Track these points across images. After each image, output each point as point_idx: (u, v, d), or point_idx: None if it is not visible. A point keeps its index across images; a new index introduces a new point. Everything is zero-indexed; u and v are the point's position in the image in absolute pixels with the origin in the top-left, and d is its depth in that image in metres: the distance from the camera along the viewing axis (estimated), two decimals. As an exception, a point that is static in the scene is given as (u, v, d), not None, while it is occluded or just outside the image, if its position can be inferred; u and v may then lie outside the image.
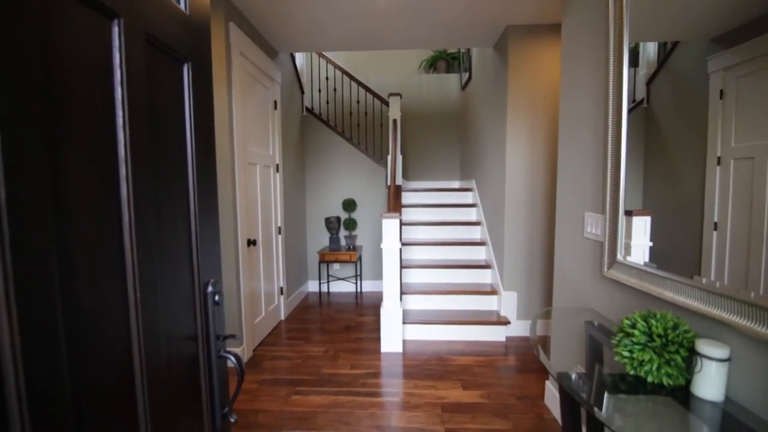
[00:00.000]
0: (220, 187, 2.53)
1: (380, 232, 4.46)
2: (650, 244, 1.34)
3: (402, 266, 3.37)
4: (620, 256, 1.46)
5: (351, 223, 4.33)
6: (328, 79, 4.63)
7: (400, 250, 2.90)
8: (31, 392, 0.39)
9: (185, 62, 0.72)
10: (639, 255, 1.39)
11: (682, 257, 1.18)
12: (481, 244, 3.72)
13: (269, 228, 3.31)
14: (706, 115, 1.09)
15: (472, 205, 4.12)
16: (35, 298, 0.40)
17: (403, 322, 3.05)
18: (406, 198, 4.36)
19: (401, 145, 4.80)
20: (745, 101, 0.97)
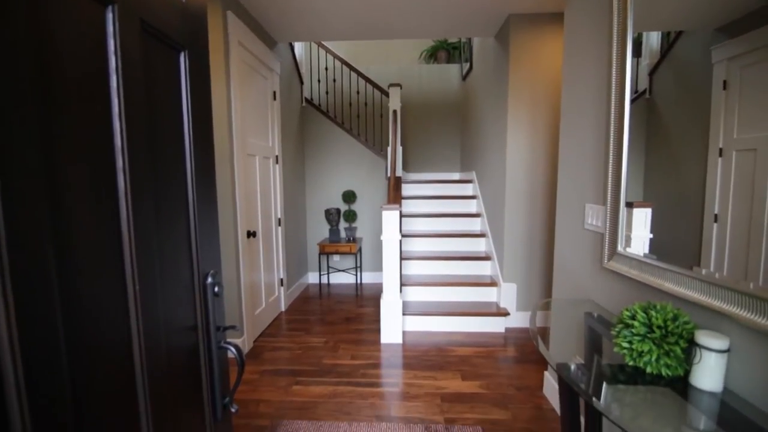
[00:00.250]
0: (220, 179, 2.52)
1: (380, 224, 4.46)
2: (650, 235, 1.34)
3: (402, 258, 3.38)
4: (620, 248, 1.46)
5: (351, 215, 4.32)
6: (327, 70, 4.59)
7: (400, 242, 2.90)
8: (31, 386, 0.39)
9: (182, 50, 0.71)
10: (639, 246, 1.39)
11: (682, 249, 1.18)
12: (481, 235, 3.72)
13: (269, 219, 3.31)
14: (709, 106, 1.08)
15: (473, 197, 4.11)
16: (33, 292, 0.39)
17: (403, 314, 3.06)
18: (406, 190, 4.35)
19: (401, 137, 4.78)
20: (749, 92, 0.96)
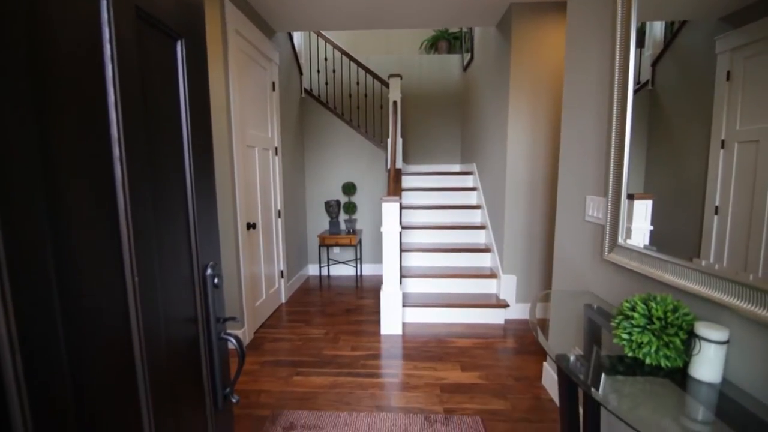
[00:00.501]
0: (219, 171, 2.51)
1: (380, 216, 4.45)
2: (651, 227, 1.33)
3: (402, 250, 3.38)
4: (621, 240, 1.46)
5: (351, 207, 4.32)
6: (327, 60, 4.54)
7: (400, 234, 2.90)
8: (30, 377, 0.39)
9: (178, 39, 0.70)
10: (639, 238, 1.39)
11: (682, 241, 1.18)
12: (481, 227, 3.71)
13: (269, 211, 3.30)
14: (712, 98, 1.07)
15: (473, 189, 4.10)
16: (30, 286, 0.39)
17: (403, 305, 3.08)
18: (406, 182, 4.34)
19: (401, 128, 4.75)
20: (752, 83, 0.95)
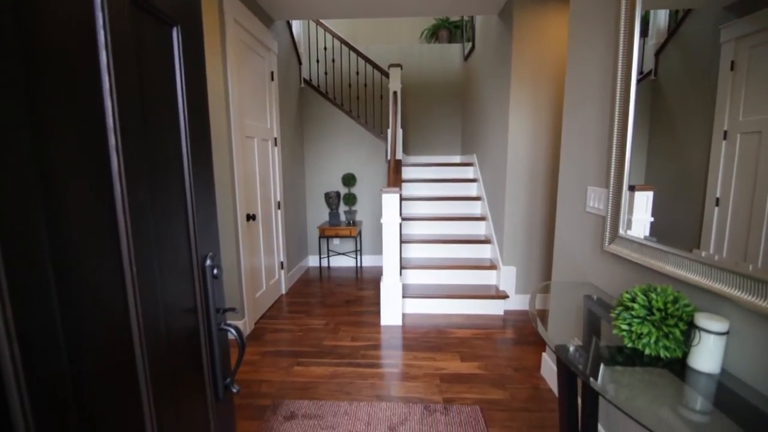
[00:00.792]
0: (218, 161, 2.50)
1: (380, 207, 4.45)
2: (651, 219, 1.33)
3: (402, 241, 3.38)
4: (622, 231, 1.46)
5: (351, 198, 4.31)
6: (326, 50, 4.49)
7: (400, 225, 2.90)
8: (30, 371, 0.39)
9: (174, 25, 0.69)
10: (640, 230, 1.38)
11: (682, 232, 1.17)
12: (481, 219, 3.71)
13: (268, 203, 3.29)
14: (716, 88, 1.05)
15: (473, 180, 4.09)
16: (27, 278, 0.39)
17: (403, 296, 3.09)
18: (407, 173, 4.32)
19: (401, 119, 4.71)
20: (757, 73, 0.93)
